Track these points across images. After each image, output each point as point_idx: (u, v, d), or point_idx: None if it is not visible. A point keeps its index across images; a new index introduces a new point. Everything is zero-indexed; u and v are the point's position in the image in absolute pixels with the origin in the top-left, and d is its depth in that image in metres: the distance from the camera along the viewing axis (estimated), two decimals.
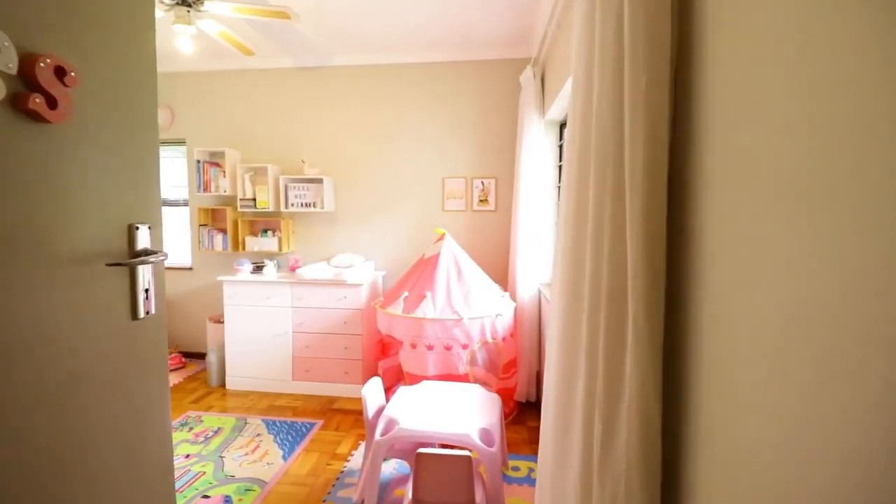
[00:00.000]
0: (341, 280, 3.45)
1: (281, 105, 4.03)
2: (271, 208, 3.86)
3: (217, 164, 3.95)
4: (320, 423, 3.14)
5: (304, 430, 3.05)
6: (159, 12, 2.34)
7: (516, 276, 3.33)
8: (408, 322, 2.93)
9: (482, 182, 3.86)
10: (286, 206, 3.88)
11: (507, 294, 3.27)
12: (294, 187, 3.88)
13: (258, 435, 2.97)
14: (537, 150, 3.23)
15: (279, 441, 2.90)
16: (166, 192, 4.42)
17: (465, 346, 2.90)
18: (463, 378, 2.90)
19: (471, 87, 3.78)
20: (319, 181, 3.84)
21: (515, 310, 3.24)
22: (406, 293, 3.07)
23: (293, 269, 3.81)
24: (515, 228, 3.39)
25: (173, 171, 4.39)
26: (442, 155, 3.86)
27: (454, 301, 2.98)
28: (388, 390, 3.43)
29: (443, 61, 3.78)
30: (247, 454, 2.74)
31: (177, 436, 2.94)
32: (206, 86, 4.11)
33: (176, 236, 4.44)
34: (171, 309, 4.38)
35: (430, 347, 2.89)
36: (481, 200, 3.89)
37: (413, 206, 3.93)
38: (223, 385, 3.71)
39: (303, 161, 3.82)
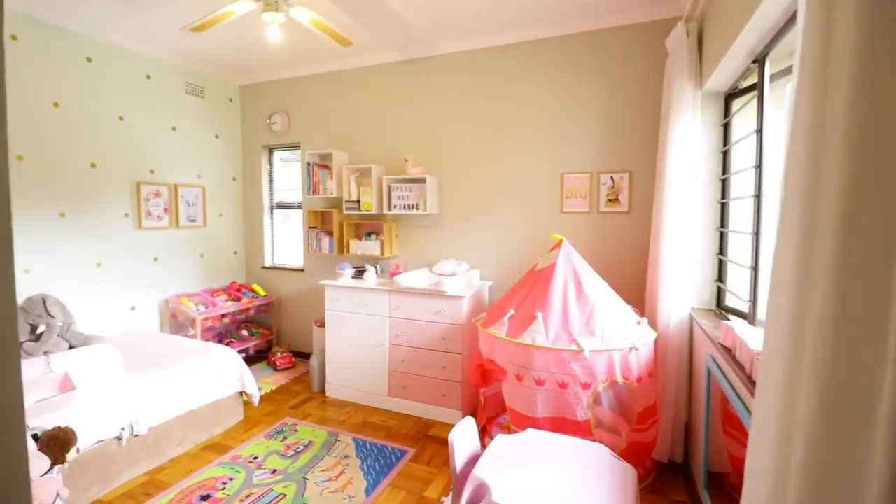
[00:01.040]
0: (439, 290, 3.06)
1: (386, 102, 3.82)
2: (375, 210, 3.66)
3: (326, 167, 3.89)
4: (412, 452, 2.78)
5: (393, 458, 2.71)
6: (250, 3, 2.20)
7: (659, 297, 2.56)
8: (512, 348, 2.40)
9: (611, 177, 3.14)
10: (389, 208, 3.65)
11: (644, 320, 2.52)
12: (397, 188, 3.62)
13: (346, 457, 2.72)
14: (691, 133, 2.43)
15: (366, 468, 2.60)
16: (283, 195, 4.56)
17: (585, 386, 2.26)
18: (582, 426, 2.26)
19: (598, 63, 3.09)
20: (422, 181, 3.52)
21: (657, 341, 2.49)
22: (512, 311, 2.55)
23: (393, 276, 3.54)
24: (658, 235, 2.62)
25: (291, 175, 4.50)
26: (561, 147, 3.24)
27: (572, 326, 2.36)
28: (491, 421, 2.94)
29: (564, 35, 3.16)
30: (330, 479, 2.49)
31: (270, 444, 2.84)
32: (317, 88, 4.11)
33: (291, 238, 4.56)
34: (282, 308, 4.50)
35: (539, 382, 2.32)
36: (610, 200, 3.17)
37: (525, 208, 3.37)
38: (323, 391, 3.60)
39: (406, 160, 3.54)
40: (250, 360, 4.27)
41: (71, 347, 2.87)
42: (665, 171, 2.54)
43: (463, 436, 1.90)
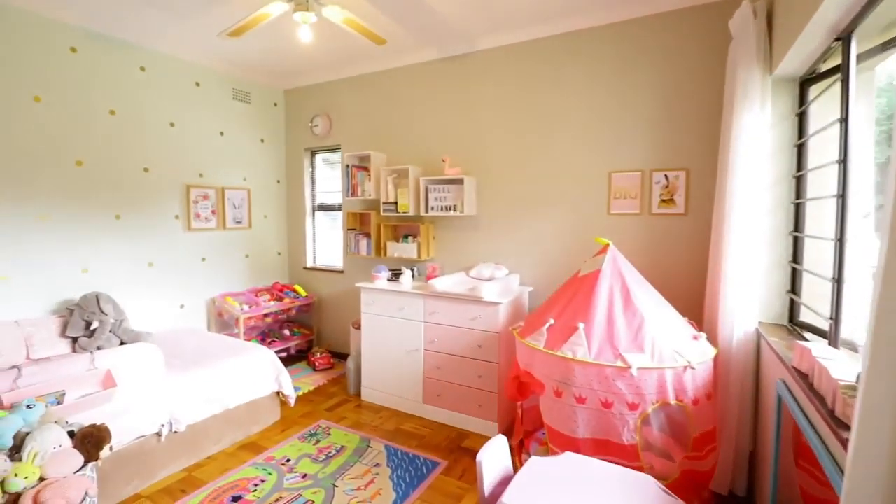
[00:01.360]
0: (475, 296, 2.92)
1: (424, 102, 3.73)
2: (411, 212, 3.59)
3: (364, 168, 3.87)
4: (444, 464, 2.66)
5: (424, 469, 2.61)
6: (282, 4, 2.18)
7: (720, 310, 2.28)
8: (551, 361, 2.22)
9: (665, 176, 2.87)
10: (426, 210, 3.56)
11: (702, 335, 2.26)
12: (434, 189, 3.52)
13: (377, 465, 2.65)
14: (759, 125, 2.15)
15: (395, 479, 2.51)
16: (324, 196, 4.61)
17: (632, 407, 2.05)
18: (628, 450, 2.05)
19: (650, 52, 2.84)
20: (460, 182, 3.40)
21: (716, 359, 2.22)
22: (551, 321, 2.37)
23: (429, 279, 3.45)
24: (720, 239, 2.34)
25: (333, 177, 4.54)
26: (609, 143, 3.01)
27: (618, 339, 2.15)
28: (529, 436, 2.77)
29: (612, 23, 2.93)
30: (359, 488, 2.42)
31: (303, 447, 2.83)
32: (356, 90, 4.10)
33: (332, 239, 4.59)
34: (322, 309, 4.54)
35: (580, 400, 2.13)
36: (664, 201, 2.90)
37: (569, 210, 3.17)
38: (359, 394, 3.57)
39: (443, 160, 3.44)
40: (291, 360, 4.35)
41: (122, 343, 3.01)
42: (728, 168, 2.26)
43: (493, 456, 1.76)
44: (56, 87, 2.92)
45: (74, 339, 2.86)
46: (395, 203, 3.68)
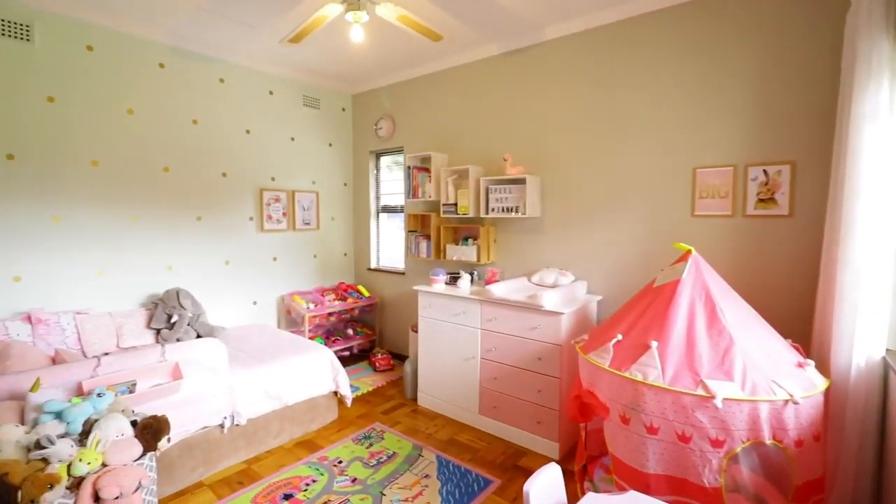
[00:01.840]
0: (535, 304, 2.72)
1: (485, 99, 3.59)
2: (471, 213, 3.46)
3: (425, 169, 3.82)
4: (497, 483, 2.49)
5: (476, 486, 2.46)
6: (337, 7, 2.16)
7: (834, 332, 1.88)
8: (617, 382, 1.96)
9: (764, 171, 2.45)
10: (487, 211, 3.41)
11: (810, 363, 1.87)
12: (495, 189, 3.36)
13: (427, 476, 2.55)
14: (888, 107, 1.72)
15: (444, 493, 2.39)
16: (388, 199, 4.64)
17: (716, 444, 1.74)
18: (710, 494, 1.74)
19: (743, 24, 2.44)
20: (522, 182, 3.20)
21: (828, 393, 1.82)
22: (619, 336, 2.10)
23: (488, 284, 3.30)
24: (835, 246, 1.93)
25: (396, 179, 4.56)
26: (693, 135, 2.65)
27: (700, 363, 1.84)
28: (594, 462, 2.51)
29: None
30: (407, 500, 2.34)
31: (356, 449, 2.82)
32: (418, 91, 4.07)
33: (395, 241, 4.61)
34: (384, 310, 4.56)
35: (651, 430, 1.85)
36: (762, 200, 2.48)
37: (645, 211, 2.84)
38: (415, 398, 3.52)
39: (504, 159, 3.26)
40: (353, 359, 4.42)
41: (198, 336, 3.23)
42: (847, 161, 1.85)
43: (543, 488, 1.57)
44: (146, 99, 3.21)
45: (158, 331, 3.11)
46: (455, 204, 3.58)
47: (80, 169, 2.92)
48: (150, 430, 1.81)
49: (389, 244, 4.70)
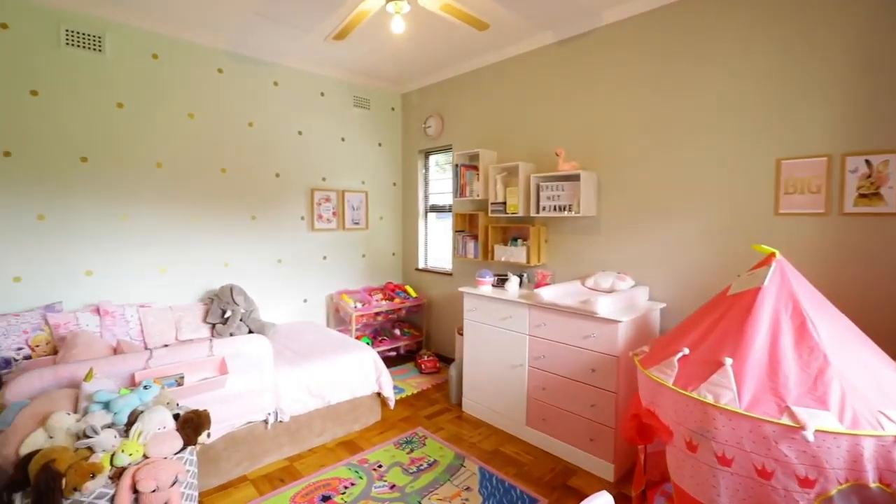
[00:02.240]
0: (588, 310, 2.49)
1: (537, 92, 3.39)
2: (521, 212, 3.28)
3: (474, 167, 3.69)
4: (543, 503, 2.31)
5: None
6: (376, 0, 2.09)
7: None
8: (683, 403, 1.72)
9: (867, 161, 2.07)
10: (537, 210, 3.22)
11: None
12: (546, 187, 3.16)
13: (468, 489, 2.42)
14: None
15: None
16: (436, 198, 4.56)
17: (806, 483, 1.46)
18: None
19: None
20: (576, 178, 2.98)
21: None
22: (685, 350, 1.85)
23: (538, 287, 3.11)
24: None
25: (445, 178, 4.47)
26: (776, 120, 2.30)
27: (785, 385, 1.56)
28: (654, 488, 2.25)
29: None
30: None
31: (396, 454, 2.74)
32: (467, 87, 3.95)
33: (443, 241, 4.52)
34: (431, 311, 4.49)
35: (724, 461, 1.60)
36: (864, 196, 2.10)
37: (718, 209, 2.52)
38: (460, 404, 3.39)
39: (557, 154, 3.05)
40: (400, 359, 4.38)
41: (250, 332, 3.32)
42: None
43: None
44: (206, 104, 3.35)
45: (213, 326, 3.23)
46: (504, 203, 3.41)
47: (146, 171, 3.10)
48: (191, 425, 1.83)
49: (438, 244, 4.62)
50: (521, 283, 3.36)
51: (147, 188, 3.11)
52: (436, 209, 4.56)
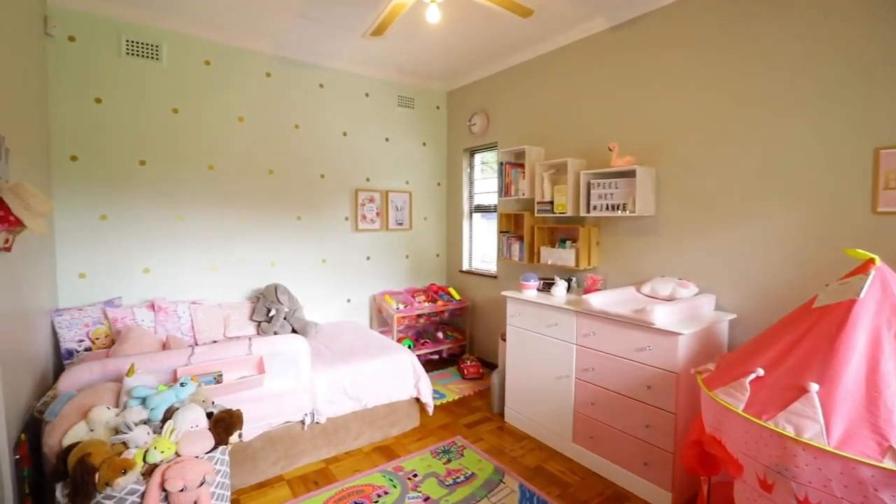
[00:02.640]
0: (643, 319, 2.25)
1: (587, 83, 3.16)
2: (570, 212, 3.07)
3: (519, 165, 3.52)
4: None
5: None
6: None
7: None
8: (755, 433, 1.47)
9: None
10: (588, 210, 2.99)
11: None
12: (598, 185, 2.93)
13: None
14: None
15: None
16: (481, 198, 4.42)
17: None
18: None
19: None
20: (631, 174, 2.73)
21: None
22: (759, 371, 1.59)
23: (588, 293, 2.88)
24: None
25: (491, 178, 4.32)
26: (871, 103, 1.95)
27: (890, 421, 1.28)
28: None
29: None
30: None
31: (433, 463, 2.64)
32: (513, 82, 3.78)
33: (488, 242, 4.38)
34: (475, 314, 4.35)
35: None
36: None
37: (799, 206, 2.19)
38: (502, 414, 3.23)
39: (610, 149, 2.81)
40: (443, 363, 4.29)
41: (293, 330, 3.36)
42: None
43: None
44: (254, 107, 3.44)
45: (259, 323, 3.30)
46: (551, 202, 3.21)
47: (198, 173, 3.23)
48: (223, 424, 1.82)
49: (483, 245, 4.48)
50: (568, 288, 3.14)
51: (200, 190, 3.24)
52: (481, 209, 4.42)
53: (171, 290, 3.15)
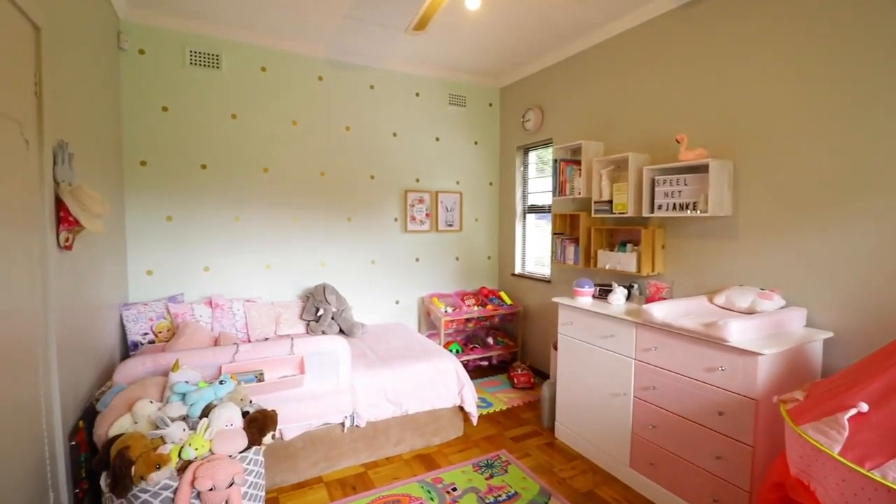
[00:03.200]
0: (715, 335, 1.95)
1: (652, 70, 2.85)
2: (631, 212, 2.79)
3: (575, 162, 3.28)
4: None
5: None
6: None
7: None
8: (855, 482, 1.18)
9: None
10: (651, 209, 2.70)
11: None
12: (664, 181, 2.63)
13: None
14: None
15: None
16: (535, 198, 4.21)
17: None
18: None
19: None
20: (703, 169, 2.41)
21: None
22: (863, 406, 1.29)
23: (650, 302, 2.60)
24: None
25: (546, 176, 4.10)
26: None
27: None
28: None
29: None
30: None
31: (474, 478, 2.50)
32: (569, 73, 3.53)
33: (541, 244, 4.15)
34: (528, 321, 4.15)
35: None
36: None
37: None
38: (553, 429, 3.01)
39: (678, 141, 2.51)
40: (492, 370, 4.13)
41: (341, 330, 3.38)
42: None
43: None
44: (307, 111, 3.51)
45: (308, 322, 3.35)
46: (610, 201, 2.94)
47: (254, 175, 3.35)
48: (256, 424, 1.82)
49: (536, 248, 4.26)
50: (628, 296, 2.86)
51: (255, 192, 3.36)
52: (535, 210, 4.20)
53: (229, 287, 3.30)
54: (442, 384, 2.83)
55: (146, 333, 2.79)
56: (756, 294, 2.23)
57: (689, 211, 2.50)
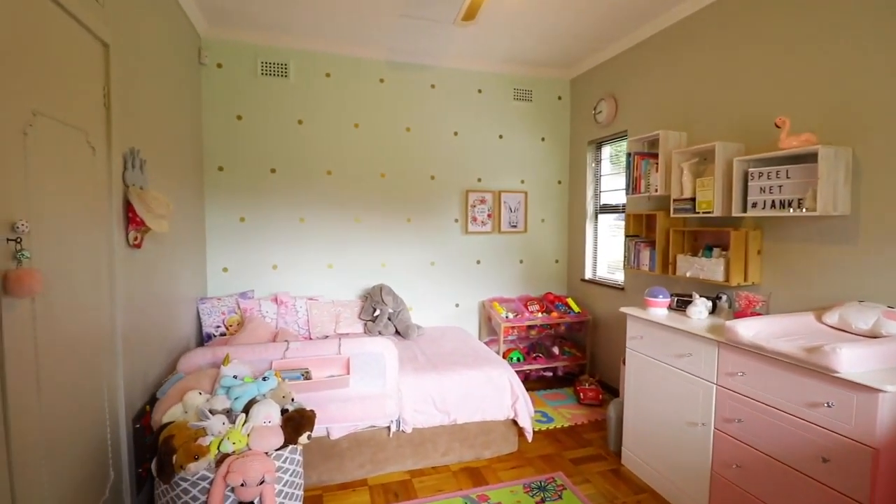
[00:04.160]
0: (819, 363, 1.57)
1: (745, 46, 2.42)
2: (718, 211, 2.40)
3: (652, 155, 2.92)
4: None
5: None
6: None
7: None
8: None
9: None
10: (743, 208, 2.30)
11: None
12: (759, 174, 2.21)
13: None
14: None
15: None
16: (608, 196, 3.86)
17: None
18: None
19: None
20: (810, 158, 1.98)
21: None
22: None
23: (739, 317, 2.21)
24: None
25: (620, 172, 3.73)
26: None
27: None
28: None
29: None
30: None
31: (522, 501, 2.31)
32: (646, 58, 3.17)
33: (616, 247, 3.79)
34: (598, 331, 3.82)
35: None
36: None
37: None
38: (619, 454, 2.70)
39: (777, 125, 2.09)
40: (557, 382, 3.86)
41: (397, 331, 3.37)
42: None
43: None
44: (369, 113, 3.56)
45: (366, 322, 3.39)
46: (693, 199, 2.57)
47: (318, 178, 3.48)
48: (292, 423, 1.83)
49: (611, 251, 3.89)
50: (714, 309, 2.46)
51: (319, 194, 3.48)
52: (607, 209, 3.85)
53: (294, 285, 3.45)
54: (493, 394, 2.67)
55: (218, 326, 3.00)
56: (881, 313, 1.77)
57: (791, 209, 2.07)
